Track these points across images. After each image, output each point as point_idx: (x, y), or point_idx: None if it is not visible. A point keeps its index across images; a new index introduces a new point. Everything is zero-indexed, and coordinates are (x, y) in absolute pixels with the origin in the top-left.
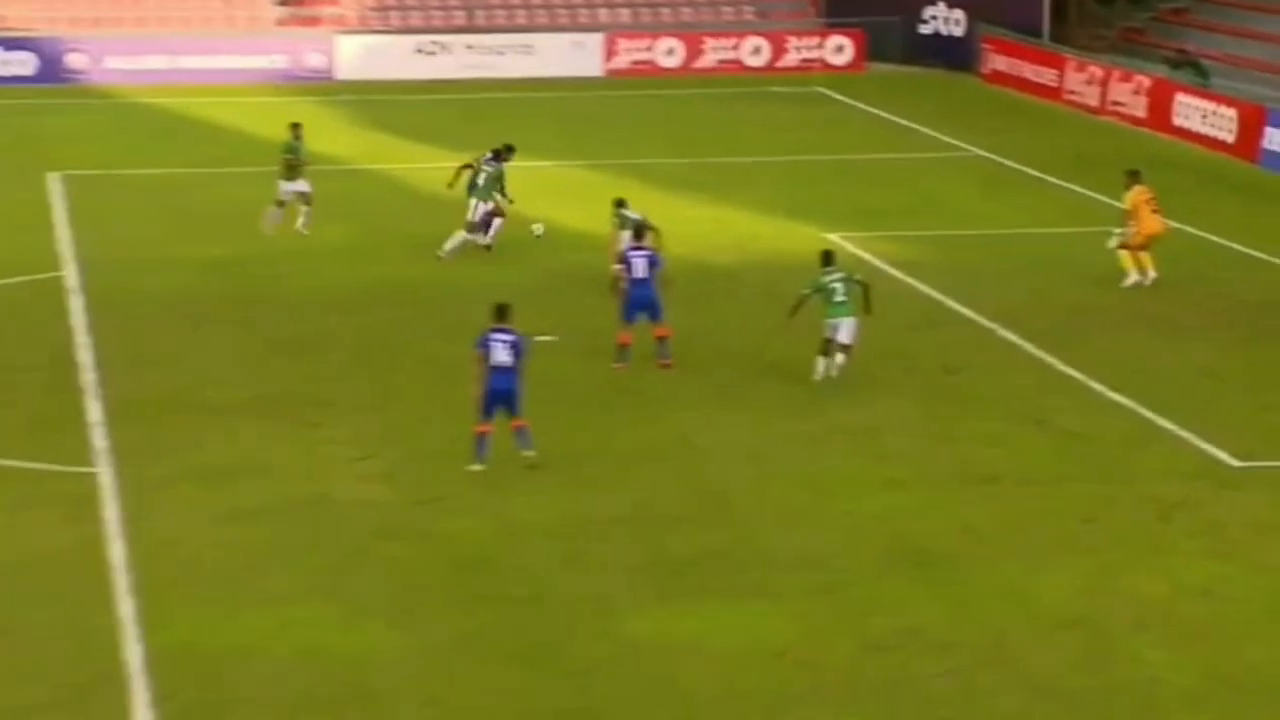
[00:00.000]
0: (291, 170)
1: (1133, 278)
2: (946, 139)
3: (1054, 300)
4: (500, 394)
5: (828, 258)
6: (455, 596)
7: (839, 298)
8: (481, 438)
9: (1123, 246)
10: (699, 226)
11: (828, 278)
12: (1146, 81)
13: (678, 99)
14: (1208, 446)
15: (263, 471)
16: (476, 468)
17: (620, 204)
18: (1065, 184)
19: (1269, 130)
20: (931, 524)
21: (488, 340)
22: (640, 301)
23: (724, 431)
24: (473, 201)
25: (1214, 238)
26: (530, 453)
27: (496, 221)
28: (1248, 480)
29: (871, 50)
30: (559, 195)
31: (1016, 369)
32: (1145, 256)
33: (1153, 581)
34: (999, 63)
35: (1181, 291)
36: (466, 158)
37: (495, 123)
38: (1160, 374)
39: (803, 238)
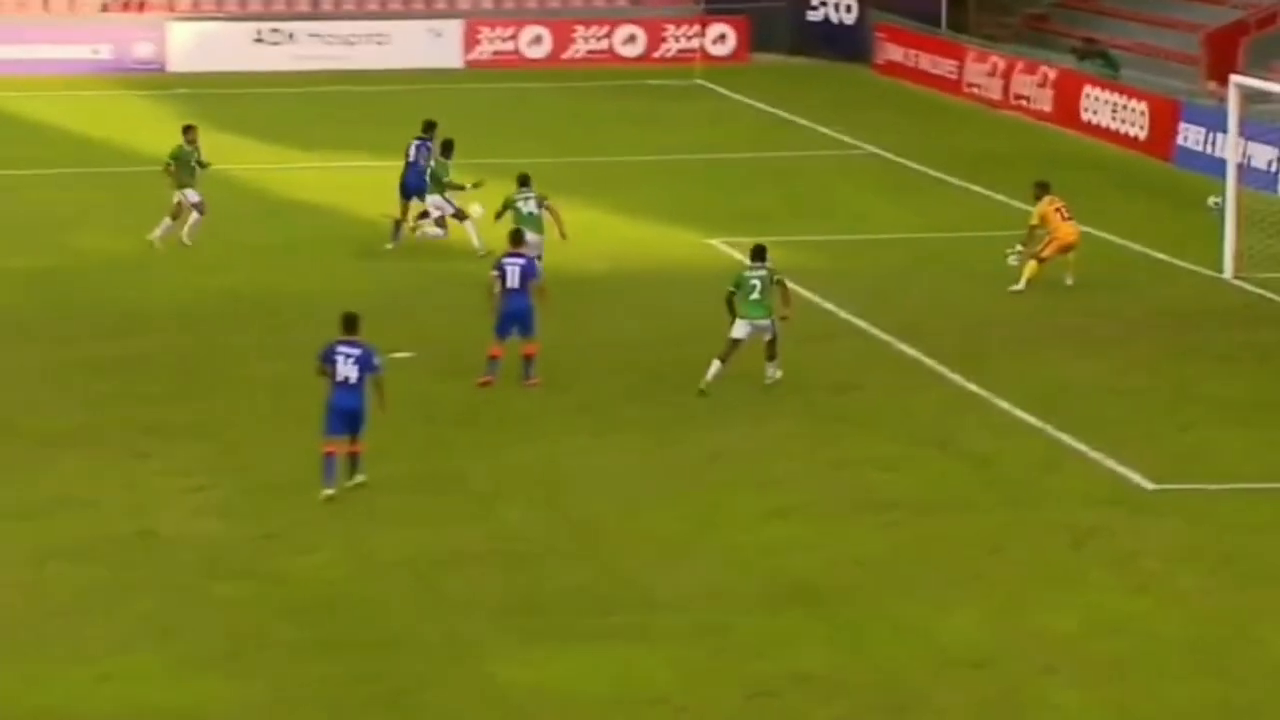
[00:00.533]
0: (188, 176)
1: (1020, 286)
2: (837, 136)
3: (956, 311)
4: (343, 412)
5: (758, 252)
6: (301, 642)
7: (754, 295)
8: (329, 459)
9: (1033, 257)
10: (570, 230)
11: (750, 273)
12: (1052, 73)
13: (545, 93)
14: (1122, 469)
15: (84, 506)
16: (327, 492)
17: (523, 181)
18: (966, 184)
19: (1183, 126)
20: (823, 557)
21: (332, 353)
22: (512, 314)
23: (595, 457)
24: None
25: (1126, 242)
26: (360, 476)
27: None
28: (1164, 505)
29: (756, 40)
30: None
31: (916, 386)
32: (1045, 268)
33: (1063, 617)
34: (893, 53)
35: (1093, 301)
36: (315, 159)
37: (345, 119)
38: (1071, 391)
39: (683, 244)
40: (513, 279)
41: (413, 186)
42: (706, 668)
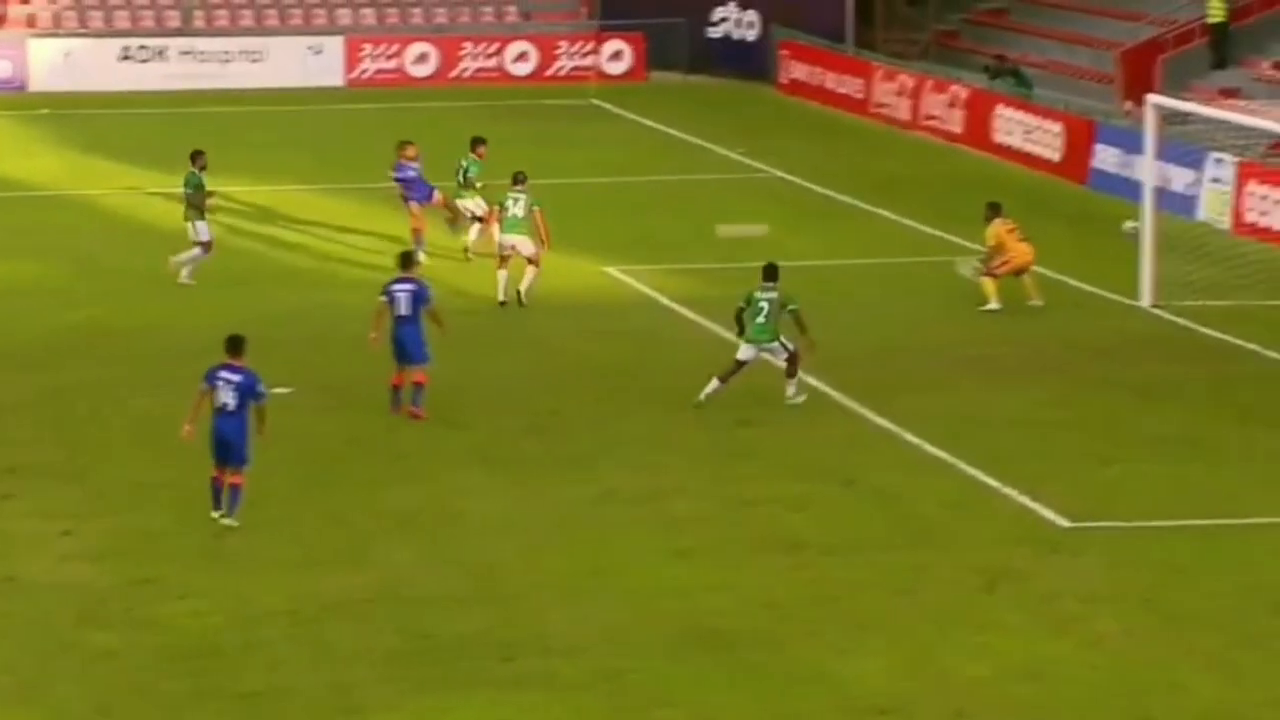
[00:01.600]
0: (199, 208)
1: (992, 304)
2: (740, 158)
3: (864, 343)
4: (216, 441)
5: (769, 272)
6: (178, 694)
7: (760, 318)
8: (214, 483)
9: (987, 274)
10: (460, 259)
11: (761, 294)
12: (963, 92)
13: (431, 113)
14: (1037, 507)
15: None
16: (214, 515)
17: (517, 180)
18: (874, 209)
19: (1098, 147)
20: (726, 600)
21: (214, 376)
22: (402, 341)
23: (489, 497)
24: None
25: (1040, 270)
26: (229, 520)
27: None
28: (1081, 544)
29: (653, 57)
30: (298, 223)
31: (822, 421)
32: (999, 282)
33: (975, 662)
34: (798, 71)
35: (1006, 330)
36: (179, 184)
37: (219, 141)
38: (984, 426)
39: (578, 272)
40: (403, 306)
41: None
42: (607, 715)
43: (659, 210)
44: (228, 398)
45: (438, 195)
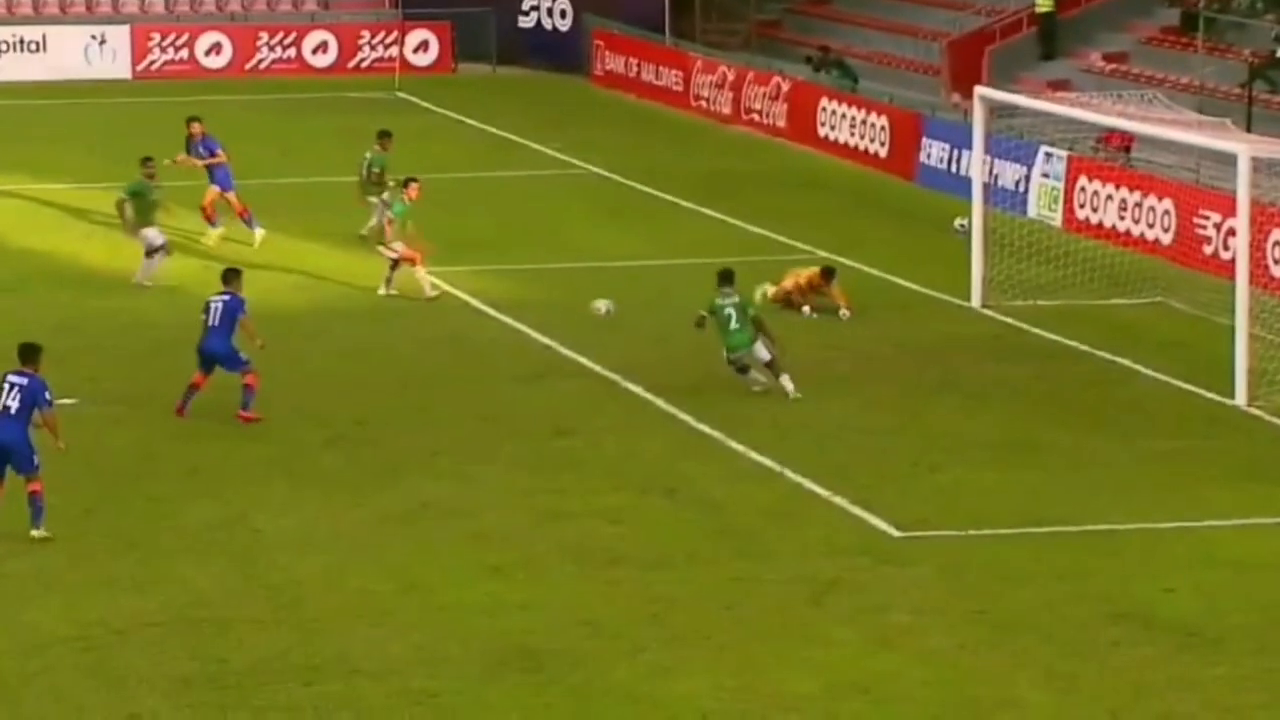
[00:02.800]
0: (147, 215)
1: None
2: (553, 154)
3: (685, 347)
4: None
5: (725, 276)
6: None
7: (733, 325)
8: None
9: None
10: (261, 260)
11: (723, 300)
12: (786, 85)
13: (226, 107)
14: (866, 515)
15: None
16: None
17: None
18: (695, 206)
19: (926, 141)
20: (542, 618)
21: None
22: (210, 352)
23: (290, 513)
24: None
25: (868, 269)
26: (39, 532)
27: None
28: (912, 553)
29: (461, 48)
30: (81, 225)
31: (642, 429)
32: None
33: (803, 678)
34: (613, 62)
35: (835, 336)
36: None
37: None
38: (810, 432)
39: (378, 272)
40: (214, 316)
41: None
42: None
43: (471, 208)
44: (10, 400)
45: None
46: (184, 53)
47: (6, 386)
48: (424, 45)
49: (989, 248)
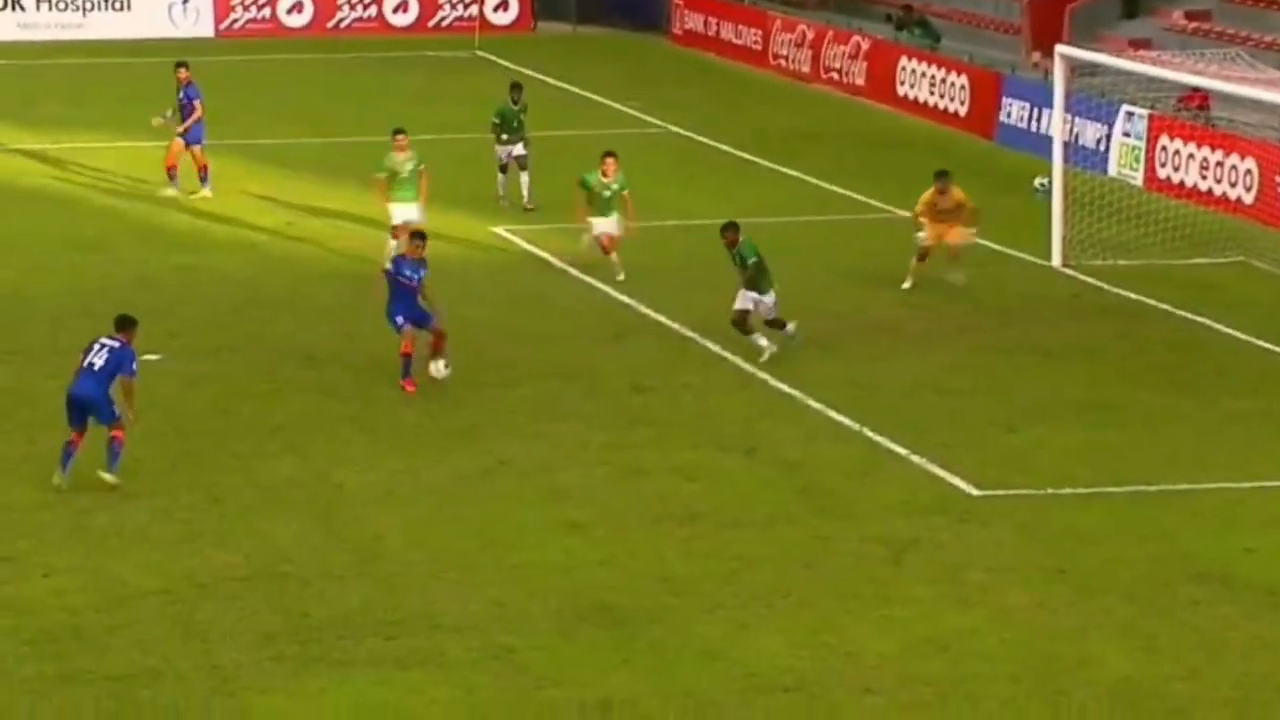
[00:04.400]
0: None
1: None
2: (632, 113)
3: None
4: (80, 399)
5: (727, 227)
6: (44, 677)
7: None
8: (68, 448)
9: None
10: (342, 223)
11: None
12: (866, 44)
13: (308, 66)
14: (944, 474)
15: None
16: (56, 480)
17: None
18: (774, 165)
19: (1006, 100)
20: (620, 575)
21: (92, 344)
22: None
23: (370, 468)
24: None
25: None
26: (109, 476)
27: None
28: (990, 512)
29: (541, 7)
30: (164, 182)
31: (721, 387)
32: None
33: (881, 636)
34: (693, 21)
35: (913, 295)
36: (43, 139)
37: (79, 95)
38: (889, 391)
39: (465, 232)
40: (95, 358)
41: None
42: (496, 695)
43: (547, 167)
44: (95, 358)
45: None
46: (266, 11)
47: (97, 346)
48: (504, 5)
49: (1069, 207)
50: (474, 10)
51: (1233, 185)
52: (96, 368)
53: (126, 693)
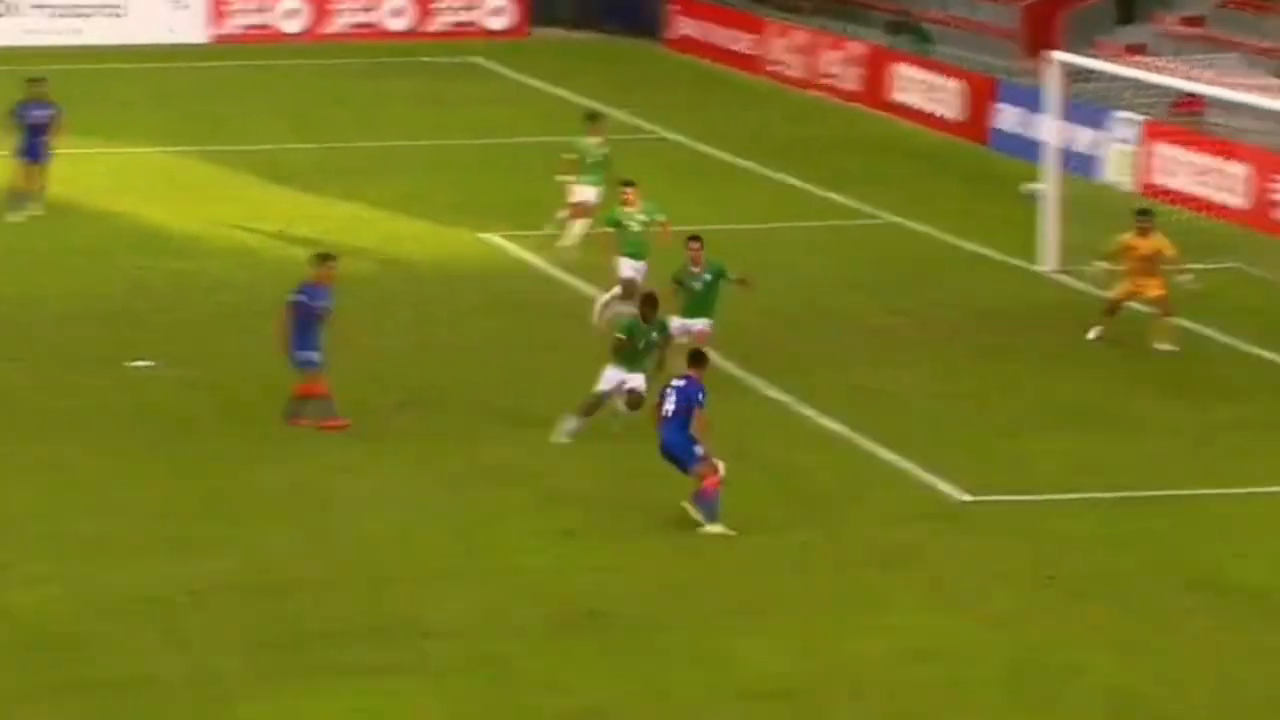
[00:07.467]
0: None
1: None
2: (628, 119)
3: (757, 311)
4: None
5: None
6: (32, 685)
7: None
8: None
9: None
10: (332, 225)
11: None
12: (860, 49)
13: (302, 71)
14: (935, 480)
15: None
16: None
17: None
18: (769, 172)
19: (1000, 106)
20: (609, 582)
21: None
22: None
23: (358, 475)
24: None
25: (939, 234)
26: None
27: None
28: (980, 519)
29: (537, 12)
30: (159, 188)
31: (714, 393)
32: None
33: (872, 642)
34: (688, 27)
35: (903, 299)
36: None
37: (76, 100)
38: (880, 397)
39: (457, 239)
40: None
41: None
42: (486, 703)
43: (543, 174)
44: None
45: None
46: (262, 16)
47: None
48: (499, 10)
49: (1062, 213)
50: (471, 15)
51: (1226, 191)
52: None
53: (115, 701)
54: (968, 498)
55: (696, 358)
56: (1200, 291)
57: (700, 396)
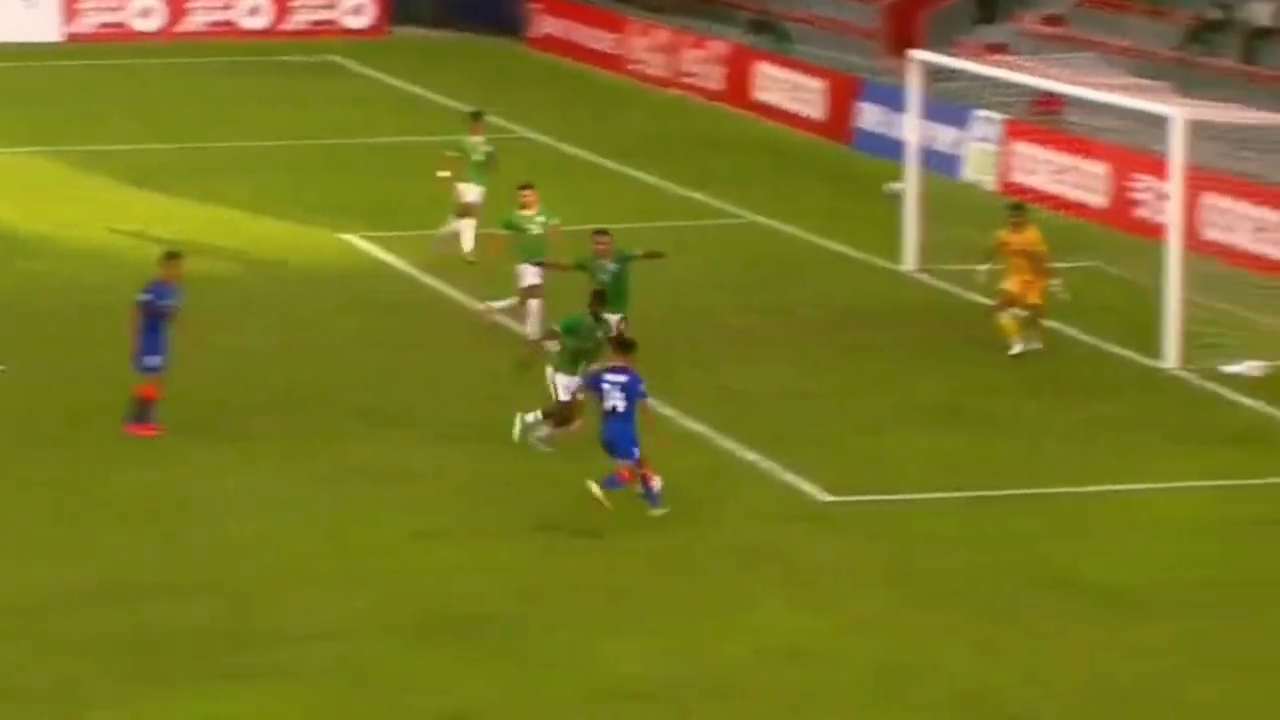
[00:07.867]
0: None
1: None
2: (489, 119)
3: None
4: None
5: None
6: None
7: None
8: None
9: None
10: (191, 226)
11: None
12: (722, 48)
13: (157, 70)
14: (796, 480)
15: None
16: None
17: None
18: (630, 171)
19: (862, 105)
20: (475, 584)
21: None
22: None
23: (220, 478)
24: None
25: (802, 233)
26: None
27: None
28: (842, 517)
29: (397, 11)
30: (10, 189)
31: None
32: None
33: (734, 643)
34: (550, 25)
35: (764, 299)
36: None
37: None
38: (740, 397)
39: (315, 240)
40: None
41: None
42: (348, 708)
43: (403, 173)
44: None
45: None
46: (117, 15)
47: None
48: (359, 8)
49: (923, 212)
50: (329, 15)
51: (1084, 190)
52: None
53: None
54: (830, 497)
55: (626, 345)
56: (1067, 301)
57: (641, 387)
